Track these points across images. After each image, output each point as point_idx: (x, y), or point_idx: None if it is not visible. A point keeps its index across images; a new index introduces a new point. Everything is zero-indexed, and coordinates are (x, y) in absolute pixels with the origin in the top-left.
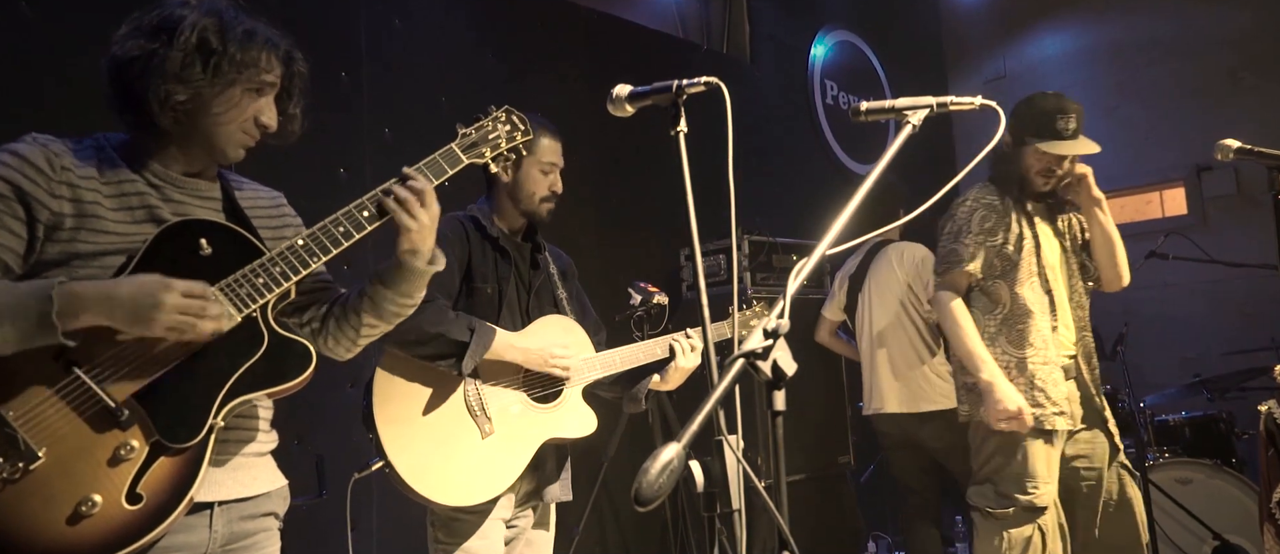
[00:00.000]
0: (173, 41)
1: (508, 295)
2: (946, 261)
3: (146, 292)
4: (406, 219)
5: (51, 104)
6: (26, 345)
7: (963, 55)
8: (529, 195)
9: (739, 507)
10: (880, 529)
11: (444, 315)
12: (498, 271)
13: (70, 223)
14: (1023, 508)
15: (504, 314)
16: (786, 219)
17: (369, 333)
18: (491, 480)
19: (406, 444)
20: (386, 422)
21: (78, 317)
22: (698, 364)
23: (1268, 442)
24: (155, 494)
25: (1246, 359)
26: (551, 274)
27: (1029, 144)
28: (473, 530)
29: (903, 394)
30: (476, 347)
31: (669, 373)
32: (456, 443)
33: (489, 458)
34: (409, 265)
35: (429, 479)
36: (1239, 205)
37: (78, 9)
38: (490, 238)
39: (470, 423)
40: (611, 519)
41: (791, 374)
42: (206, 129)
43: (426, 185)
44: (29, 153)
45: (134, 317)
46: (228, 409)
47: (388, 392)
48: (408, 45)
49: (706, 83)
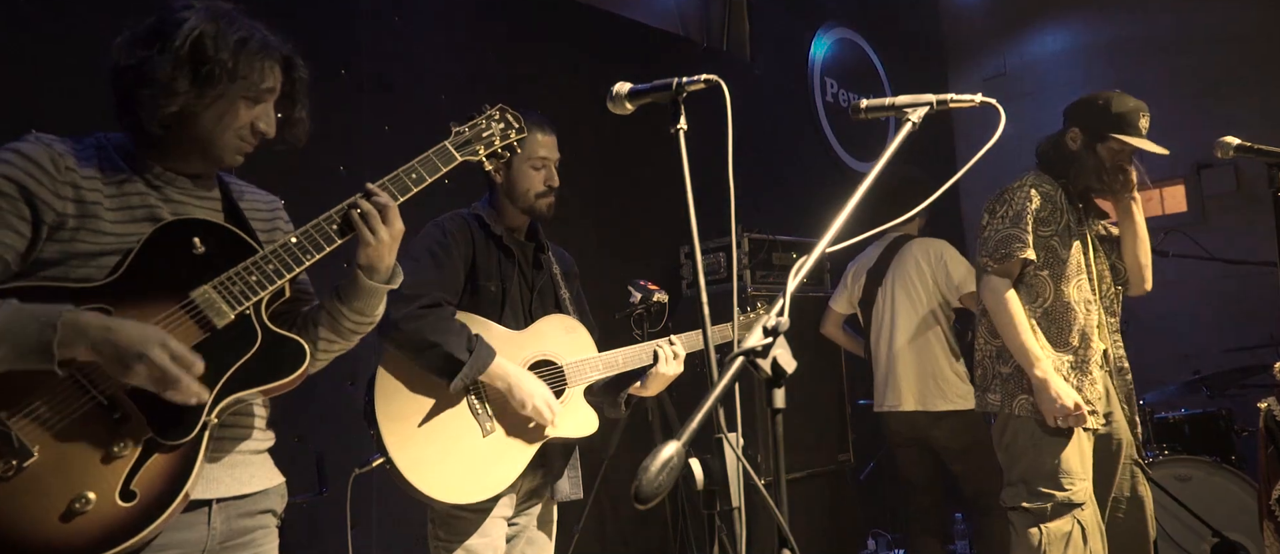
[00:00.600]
0: (164, 49)
1: (511, 294)
2: (1003, 247)
3: (142, 343)
4: (366, 233)
5: (51, 104)
6: (18, 367)
7: (963, 52)
8: (524, 192)
9: (739, 504)
10: (879, 527)
11: (447, 326)
12: (501, 270)
13: (72, 223)
14: (1059, 503)
15: (507, 312)
16: (786, 216)
17: (327, 348)
18: (492, 479)
19: (407, 441)
20: (388, 418)
21: (73, 347)
22: (680, 372)
23: (1267, 439)
24: (149, 491)
25: (1246, 356)
26: (554, 274)
27: (1108, 139)
28: (473, 528)
29: (921, 392)
30: (470, 370)
31: (650, 379)
32: (458, 441)
33: (490, 457)
34: (363, 282)
35: (429, 476)
36: (1239, 203)
37: (78, 9)
38: (494, 237)
39: (472, 421)
40: (612, 517)
41: (791, 372)
42: (201, 136)
43: (390, 201)
44: (34, 152)
45: (118, 360)
46: (222, 406)
47: (390, 388)
48: (408, 43)
49: (706, 80)
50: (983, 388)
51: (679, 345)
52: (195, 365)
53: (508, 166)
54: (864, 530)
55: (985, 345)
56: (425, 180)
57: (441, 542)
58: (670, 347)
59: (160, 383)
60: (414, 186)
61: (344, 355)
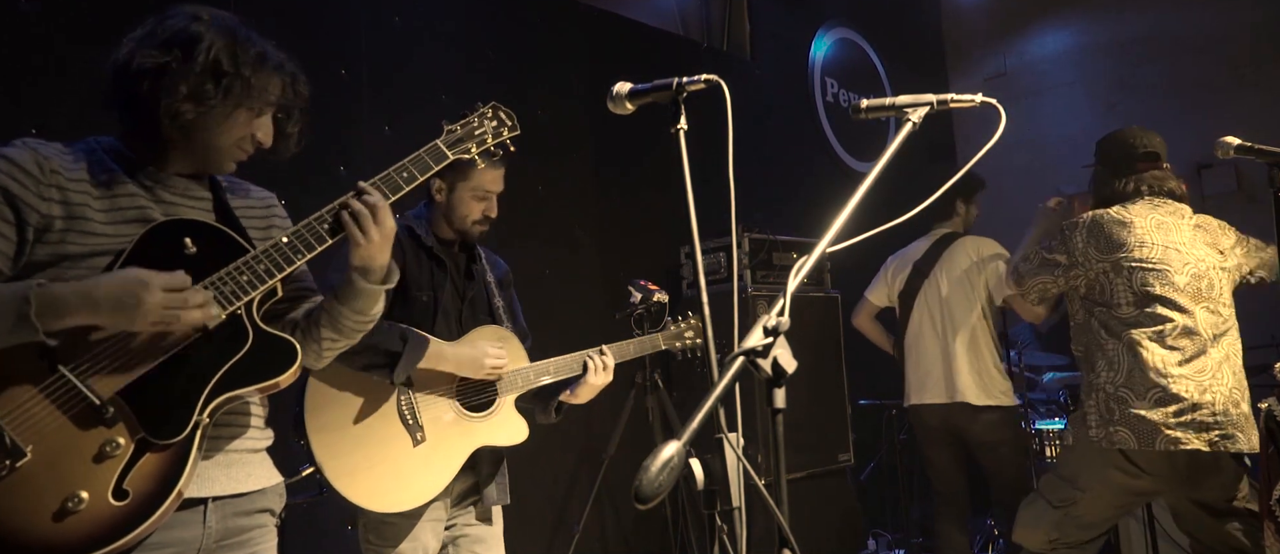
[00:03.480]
0: (188, 59)
1: (443, 304)
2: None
3: (127, 287)
4: (356, 234)
5: (51, 104)
6: (7, 343)
7: (963, 52)
8: (461, 218)
9: (739, 504)
10: (880, 527)
11: (377, 328)
12: (433, 280)
13: (59, 225)
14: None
15: (439, 322)
16: (786, 216)
17: (331, 346)
18: (421, 487)
19: (337, 451)
20: (317, 429)
21: (60, 317)
22: (609, 380)
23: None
24: (142, 490)
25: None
26: (488, 282)
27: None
28: (404, 534)
29: (966, 386)
30: (409, 357)
31: (579, 387)
32: (387, 450)
33: (419, 465)
34: (359, 285)
35: (358, 485)
36: (1239, 202)
37: (77, 8)
38: (425, 247)
39: (402, 431)
40: (612, 517)
41: (792, 372)
42: (206, 142)
43: (380, 201)
44: (18, 156)
45: (117, 311)
46: (214, 406)
47: (320, 399)
48: (408, 42)
49: (707, 80)
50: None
51: (609, 356)
52: (186, 281)
53: (451, 190)
54: (864, 531)
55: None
56: (417, 179)
57: (371, 545)
58: (600, 357)
59: (168, 317)
60: (406, 185)
61: None
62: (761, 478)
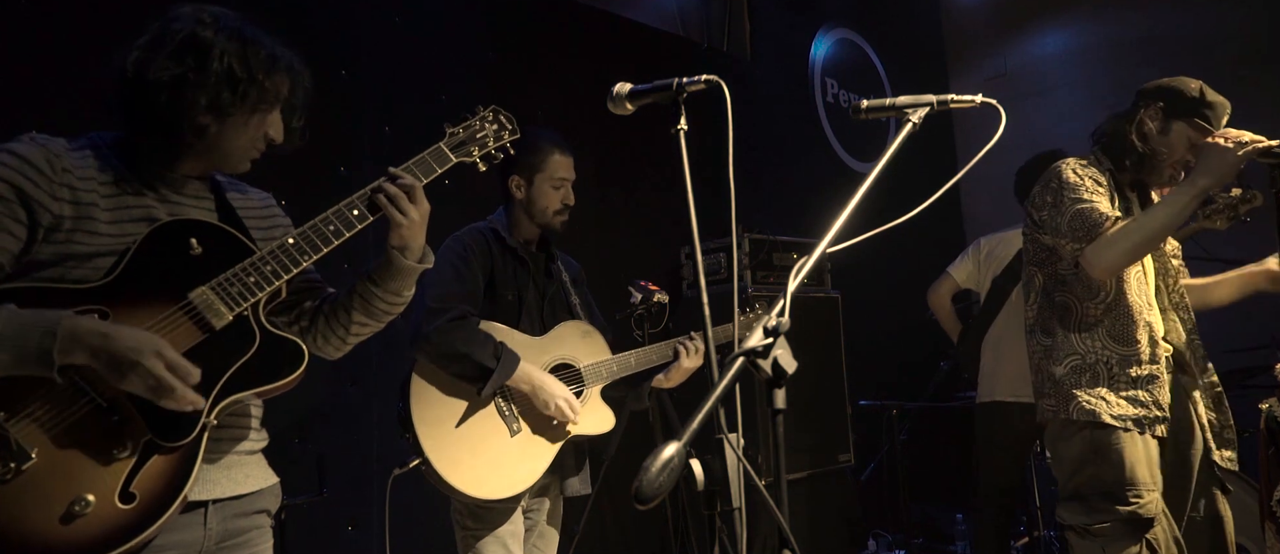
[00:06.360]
0: (203, 68)
1: (527, 302)
2: (1087, 222)
3: (137, 351)
4: (397, 215)
5: (51, 103)
6: (17, 373)
7: (963, 53)
8: (542, 209)
9: (740, 505)
10: (880, 527)
11: (474, 337)
12: (517, 280)
13: (68, 224)
14: (1123, 521)
15: (524, 319)
16: (787, 217)
17: (359, 331)
18: (520, 475)
19: (442, 443)
20: (423, 422)
21: (72, 354)
22: (700, 363)
23: (1268, 440)
24: (148, 493)
25: (1246, 357)
26: (564, 281)
27: (1187, 124)
28: (503, 519)
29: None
30: (499, 375)
31: (673, 371)
32: (488, 441)
33: (517, 455)
34: (398, 262)
35: (463, 474)
36: None
37: (78, 8)
38: (510, 249)
39: (500, 423)
40: (612, 517)
41: (792, 372)
42: (222, 145)
43: (415, 182)
44: (30, 154)
45: (113, 368)
46: (221, 408)
47: (424, 395)
48: (408, 43)
49: (707, 80)
50: (1038, 393)
51: (698, 341)
52: (191, 374)
53: (529, 184)
54: (865, 531)
55: (1037, 346)
56: (421, 182)
57: (469, 530)
58: (691, 342)
59: (156, 391)
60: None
61: (346, 357)
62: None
